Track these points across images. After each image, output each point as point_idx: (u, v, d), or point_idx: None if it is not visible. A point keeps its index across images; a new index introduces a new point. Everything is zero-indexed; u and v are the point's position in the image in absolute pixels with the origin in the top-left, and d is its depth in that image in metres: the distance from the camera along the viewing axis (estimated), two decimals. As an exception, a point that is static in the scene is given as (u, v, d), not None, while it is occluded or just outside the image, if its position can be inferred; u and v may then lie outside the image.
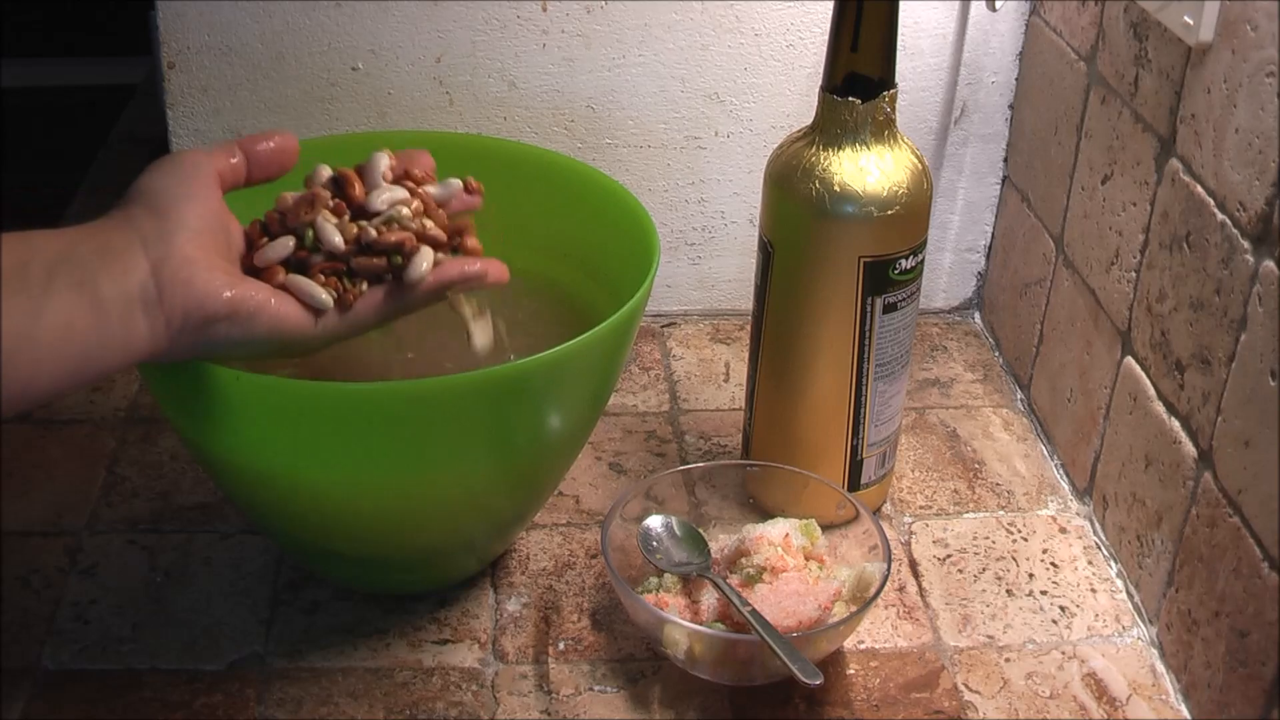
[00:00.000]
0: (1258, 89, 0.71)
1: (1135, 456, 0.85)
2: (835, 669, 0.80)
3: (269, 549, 0.87)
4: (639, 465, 0.96)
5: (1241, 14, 0.73)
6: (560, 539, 0.89)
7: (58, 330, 0.59)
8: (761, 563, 0.80)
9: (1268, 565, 0.70)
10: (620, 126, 1.05)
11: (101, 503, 0.91)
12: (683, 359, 1.08)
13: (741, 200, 1.08)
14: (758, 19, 1.02)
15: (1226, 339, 0.74)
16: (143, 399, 1.00)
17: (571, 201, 0.89)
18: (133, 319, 0.62)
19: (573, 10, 1.01)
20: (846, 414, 0.86)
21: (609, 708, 0.77)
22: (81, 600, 0.83)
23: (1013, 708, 0.78)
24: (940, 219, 1.10)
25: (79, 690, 0.77)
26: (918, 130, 1.07)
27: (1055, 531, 0.92)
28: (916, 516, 0.93)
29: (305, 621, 0.82)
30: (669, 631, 0.77)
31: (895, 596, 0.86)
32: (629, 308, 0.75)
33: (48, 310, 0.59)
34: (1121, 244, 0.87)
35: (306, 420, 0.72)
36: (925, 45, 1.04)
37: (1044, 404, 1.00)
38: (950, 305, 1.15)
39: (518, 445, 0.76)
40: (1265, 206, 0.71)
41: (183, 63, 1.01)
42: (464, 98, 1.03)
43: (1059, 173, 0.97)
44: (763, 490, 0.88)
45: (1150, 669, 0.81)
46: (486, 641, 0.81)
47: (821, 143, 0.81)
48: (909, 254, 0.82)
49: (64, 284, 0.60)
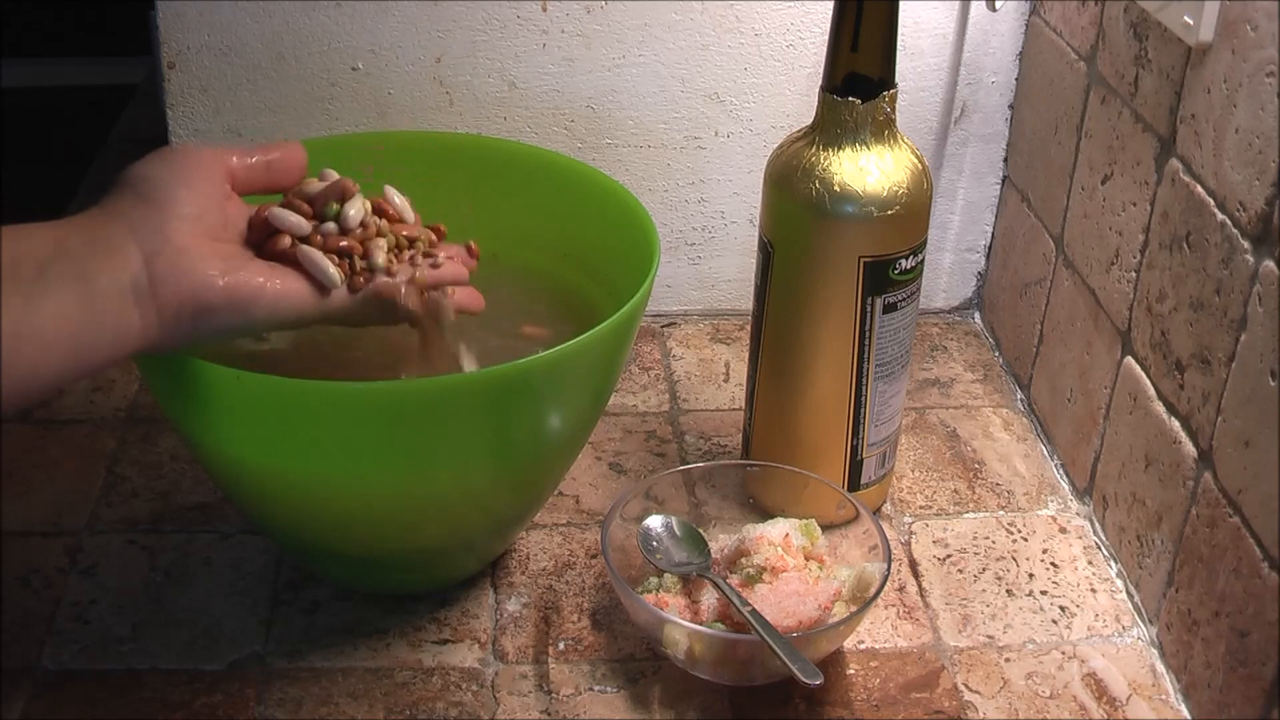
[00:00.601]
0: (1258, 89, 0.71)
1: (1135, 456, 0.85)
2: (835, 669, 0.80)
3: (269, 549, 0.87)
4: (639, 465, 0.96)
5: (1241, 14, 0.73)
6: (560, 539, 0.89)
7: (52, 325, 0.59)
8: (761, 563, 0.80)
9: (1268, 565, 0.70)
10: (620, 126, 1.05)
11: (101, 503, 0.91)
12: (683, 359, 1.08)
13: (741, 200, 1.08)
14: (758, 19, 1.02)
15: (1226, 339, 0.74)
16: (143, 399, 1.00)
17: (571, 201, 0.88)
18: (126, 311, 0.61)
19: (573, 10, 1.01)
20: (846, 414, 0.86)
21: (609, 708, 0.77)
22: (81, 600, 0.83)
23: (1013, 708, 0.78)
24: (940, 219, 1.10)
25: (79, 690, 0.77)
26: (918, 130, 1.07)
27: (1055, 531, 0.92)
28: (916, 516, 0.93)
29: (305, 621, 0.82)
30: (669, 631, 0.77)
31: (895, 596, 0.86)
32: (629, 308, 0.75)
33: (41, 306, 0.59)
34: (1121, 244, 0.87)
35: (306, 420, 0.71)
36: (925, 45, 1.04)
37: (1044, 404, 1.00)
38: (950, 305, 1.15)
39: (518, 445, 0.76)
40: (1265, 206, 0.71)
41: (183, 63, 1.01)
42: (464, 98, 1.03)
43: (1059, 173, 0.97)
44: (763, 490, 0.88)
45: (1150, 669, 0.81)
46: (486, 641, 0.81)
47: (821, 143, 0.81)
48: (909, 254, 0.82)
49: (57, 279, 0.59)
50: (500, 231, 0.90)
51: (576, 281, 0.89)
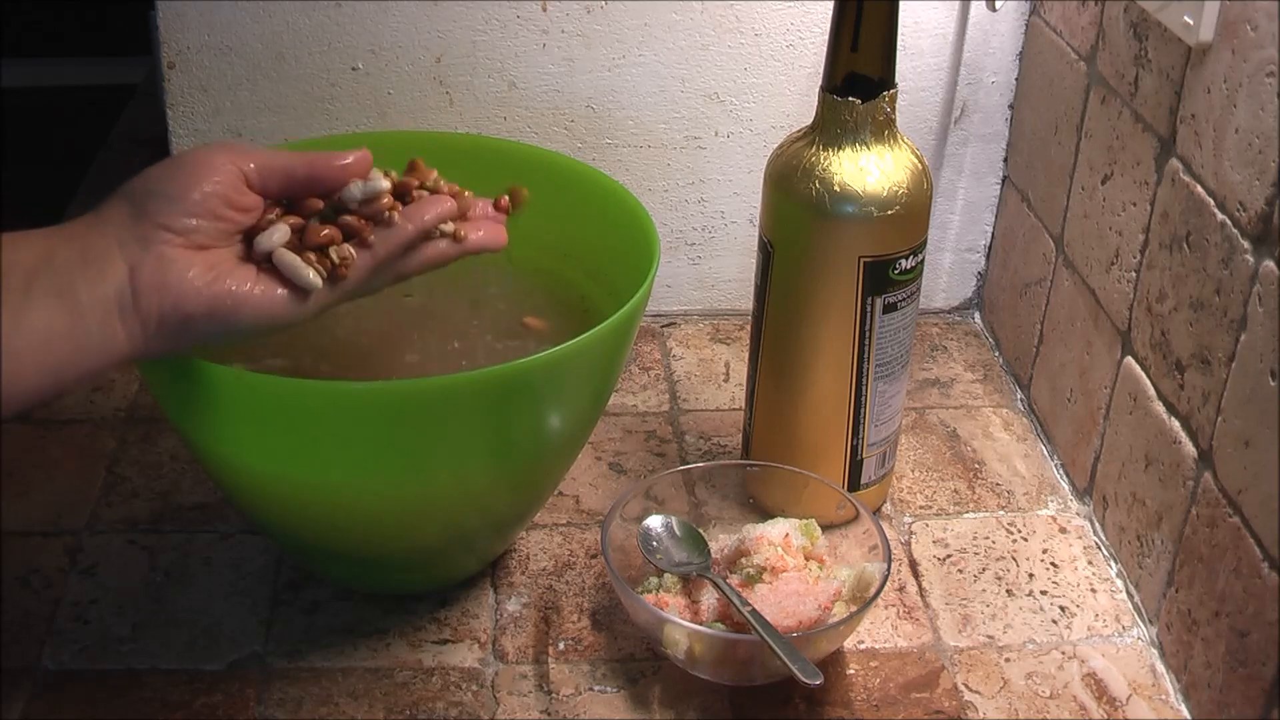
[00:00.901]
0: (1258, 89, 0.71)
1: (1135, 456, 0.85)
2: (835, 669, 0.80)
3: (269, 549, 0.87)
4: (639, 465, 0.96)
5: (1241, 14, 0.73)
6: (560, 539, 0.89)
7: (37, 340, 0.59)
8: (761, 563, 0.80)
9: (1268, 565, 0.70)
10: (620, 126, 1.05)
11: (101, 503, 0.91)
12: (683, 359, 1.08)
13: (741, 200, 1.08)
14: (758, 19, 1.02)
15: (1226, 339, 0.74)
16: (143, 399, 1.00)
17: (571, 201, 0.88)
18: (110, 324, 0.62)
19: (573, 10, 1.01)
20: (846, 414, 0.86)
21: (609, 708, 0.77)
22: (81, 600, 0.83)
23: (1013, 708, 0.78)
24: (940, 219, 1.10)
25: (79, 690, 0.77)
26: (918, 130, 1.07)
27: (1055, 531, 0.92)
28: (916, 516, 0.93)
29: (305, 621, 0.82)
30: (669, 631, 0.77)
31: (895, 596, 0.86)
32: (629, 308, 0.75)
33: (26, 321, 0.59)
34: (1121, 244, 0.87)
35: (306, 420, 0.71)
36: (925, 45, 1.04)
37: (1044, 404, 1.00)
38: (950, 305, 1.15)
39: (518, 445, 0.76)
40: (1265, 206, 0.71)
41: (183, 63, 1.01)
42: (464, 98, 1.03)
43: (1059, 173, 0.97)
44: (763, 490, 0.88)
45: (1150, 669, 0.81)
46: (486, 641, 0.81)
47: (821, 143, 0.81)
48: (909, 254, 0.82)
49: (42, 293, 0.60)
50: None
51: (577, 281, 0.89)
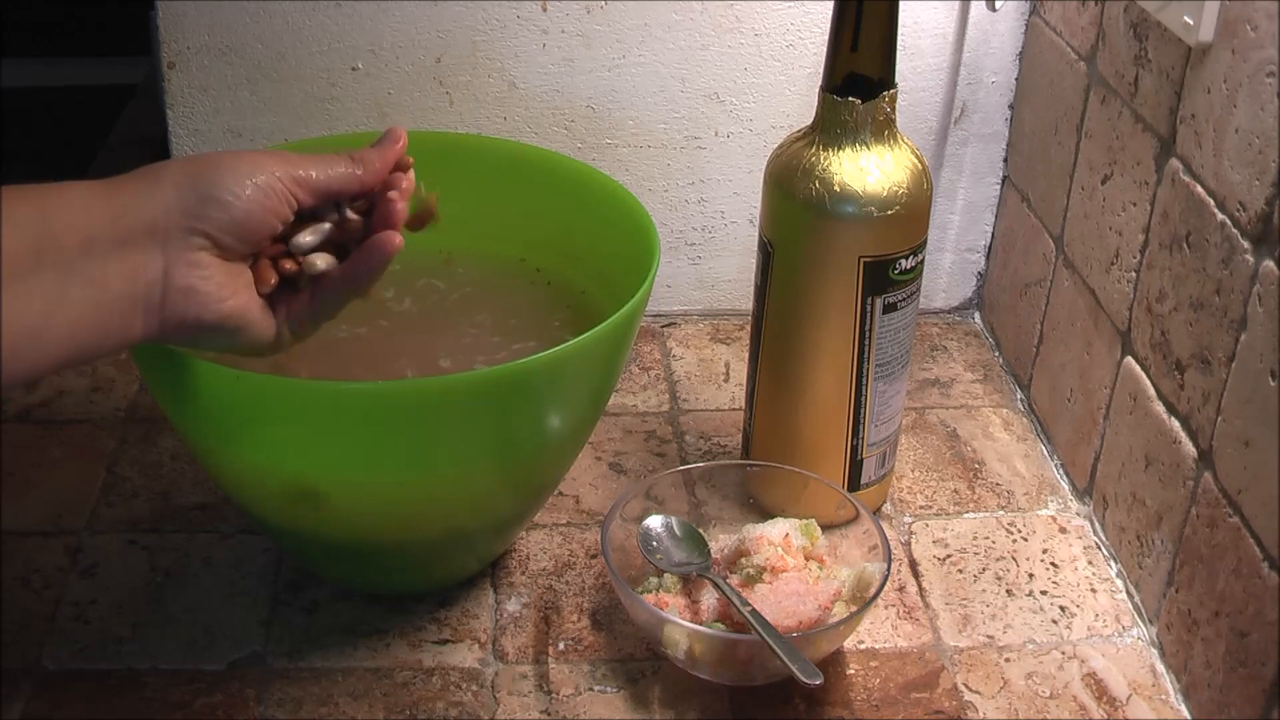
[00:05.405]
0: (1258, 89, 0.71)
1: (1135, 456, 0.85)
2: (835, 669, 0.80)
3: (269, 549, 0.87)
4: (639, 465, 0.96)
5: (1241, 14, 0.73)
6: (560, 539, 0.89)
7: (67, 328, 0.61)
8: (761, 563, 0.80)
9: (1268, 565, 0.70)
10: (620, 126, 1.05)
11: (101, 503, 0.91)
12: (683, 359, 1.08)
13: (741, 200, 1.08)
14: (758, 19, 1.02)
15: (1226, 339, 0.74)
16: (143, 399, 1.00)
17: (571, 201, 0.89)
18: (132, 317, 0.63)
19: (573, 10, 1.01)
20: (846, 414, 0.86)
21: (609, 708, 0.77)
22: (81, 600, 0.83)
23: (1013, 708, 0.78)
24: (940, 219, 1.10)
25: (79, 690, 0.77)
26: (918, 130, 1.07)
27: (1055, 531, 0.92)
28: (916, 516, 0.93)
29: (305, 621, 0.82)
30: (669, 631, 0.77)
31: (895, 596, 0.86)
32: (629, 308, 0.75)
33: (59, 311, 0.60)
34: (1121, 244, 0.87)
35: (307, 420, 0.72)
36: (925, 45, 1.04)
37: (1044, 404, 1.00)
38: (950, 305, 1.15)
39: (518, 445, 0.76)
40: (1265, 206, 0.71)
41: (183, 63, 1.01)
42: (464, 98, 1.03)
43: (1059, 173, 0.97)
44: (763, 490, 0.88)
45: (1150, 669, 0.81)
46: (486, 641, 0.81)
47: (821, 143, 0.81)
48: (909, 254, 0.82)
49: (78, 283, 0.61)
50: (500, 231, 0.90)
51: (576, 281, 0.89)
